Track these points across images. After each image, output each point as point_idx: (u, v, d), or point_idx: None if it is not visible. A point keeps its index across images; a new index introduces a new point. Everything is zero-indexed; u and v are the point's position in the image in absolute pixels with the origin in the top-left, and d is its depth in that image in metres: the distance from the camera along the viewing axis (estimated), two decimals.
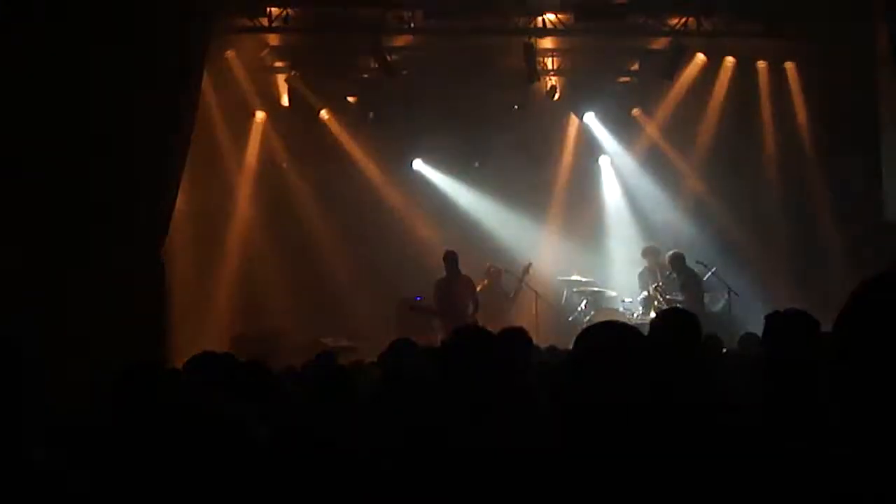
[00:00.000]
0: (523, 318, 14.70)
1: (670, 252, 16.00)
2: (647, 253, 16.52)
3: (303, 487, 2.95)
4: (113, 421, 4.72)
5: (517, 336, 5.56)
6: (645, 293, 15.96)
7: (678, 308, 4.78)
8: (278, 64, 17.47)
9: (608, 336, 2.88)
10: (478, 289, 15.19)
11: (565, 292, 17.24)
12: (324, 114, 18.08)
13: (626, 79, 18.67)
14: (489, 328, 4.40)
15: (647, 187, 18.67)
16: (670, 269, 15.87)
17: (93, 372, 7.45)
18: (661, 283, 15.73)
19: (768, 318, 4.04)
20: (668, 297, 15.54)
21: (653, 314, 15.11)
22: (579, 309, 16.68)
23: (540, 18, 16.03)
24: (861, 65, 15.27)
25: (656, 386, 2.66)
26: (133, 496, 1.73)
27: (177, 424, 1.78)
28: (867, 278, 2.14)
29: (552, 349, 9.89)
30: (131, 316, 11.37)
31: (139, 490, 1.73)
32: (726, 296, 15.98)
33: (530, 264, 16.54)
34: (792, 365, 3.82)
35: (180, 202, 12.77)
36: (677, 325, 4.31)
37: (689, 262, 15.87)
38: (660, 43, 17.23)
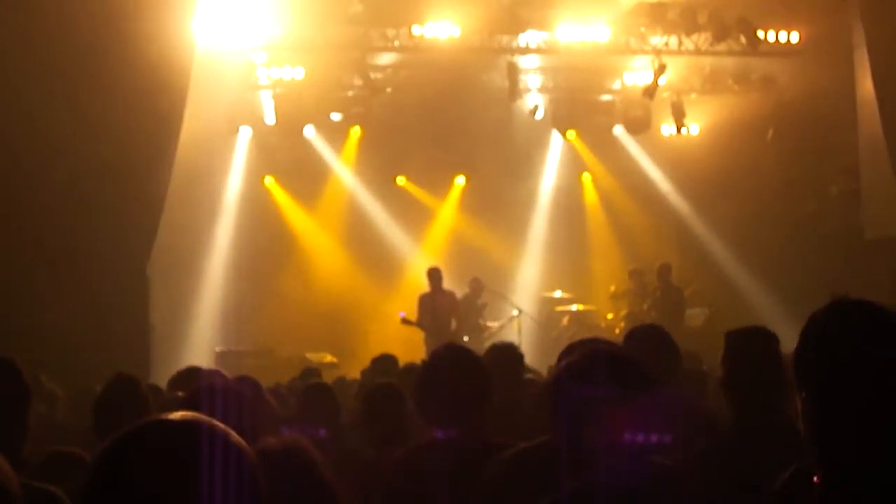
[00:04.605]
0: (505, 334, 14.72)
1: (660, 263, 15.99)
2: (633, 275, 16.51)
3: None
4: (95, 431, 4.74)
5: (508, 352, 5.58)
6: (626, 311, 16.02)
7: (653, 325, 4.78)
8: (264, 81, 17.50)
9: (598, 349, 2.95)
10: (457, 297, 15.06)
11: (547, 309, 17.29)
12: (308, 130, 18.12)
13: (609, 97, 18.78)
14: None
15: (629, 204, 18.77)
16: (656, 279, 15.86)
17: (78, 384, 7.48)
18: (651, 301, 15.80)
19: (728, 335, 4.01)
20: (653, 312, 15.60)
21: None
22: (562, 325, 16.71)
23: (523, 37, 16.11)
24: (841, 83, 15.40)
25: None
26: None
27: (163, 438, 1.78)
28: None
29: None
30: (116, 330, 11.37)
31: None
32: (707, 311, 16.05)
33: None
34: (749, 382, 3.82)
35: (165, 218, 12.77)
36: (653, 341, 4.35)
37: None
38: (641, 61, 17.36)
